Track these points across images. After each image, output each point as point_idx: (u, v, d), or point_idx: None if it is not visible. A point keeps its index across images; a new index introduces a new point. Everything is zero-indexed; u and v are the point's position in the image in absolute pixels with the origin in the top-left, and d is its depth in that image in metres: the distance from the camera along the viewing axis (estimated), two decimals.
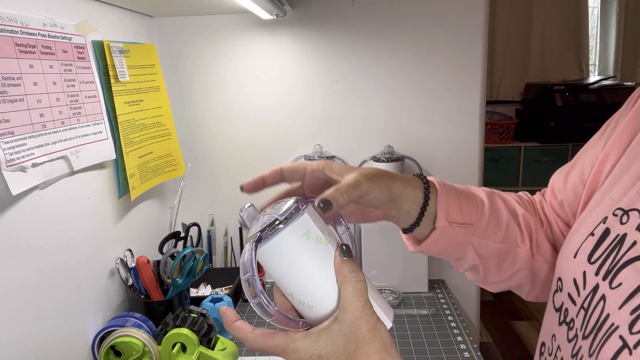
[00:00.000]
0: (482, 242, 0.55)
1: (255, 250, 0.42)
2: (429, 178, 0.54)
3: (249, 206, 0.47)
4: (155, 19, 1.31)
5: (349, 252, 0.43)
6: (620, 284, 0.37)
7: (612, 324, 0.36)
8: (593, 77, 3.25)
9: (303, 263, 0.42)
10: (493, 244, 0.55)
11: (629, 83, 3.01)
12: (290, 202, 0.44)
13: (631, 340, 0.33)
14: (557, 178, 0.59)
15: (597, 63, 3.42)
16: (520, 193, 0.63)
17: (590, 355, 0.37)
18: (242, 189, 0.51)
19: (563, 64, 3.25)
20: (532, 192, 0.65)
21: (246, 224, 0.46)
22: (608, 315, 0.37)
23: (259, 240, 0.42)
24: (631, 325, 0.34)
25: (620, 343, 0.34)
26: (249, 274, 0.41)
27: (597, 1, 3.35)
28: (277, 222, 0.42)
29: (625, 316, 0.35)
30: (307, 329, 0.42)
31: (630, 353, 0.33)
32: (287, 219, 0.42)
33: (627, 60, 3.34)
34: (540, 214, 0.60)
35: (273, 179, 0.52)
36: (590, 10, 3.27)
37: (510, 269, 0.57)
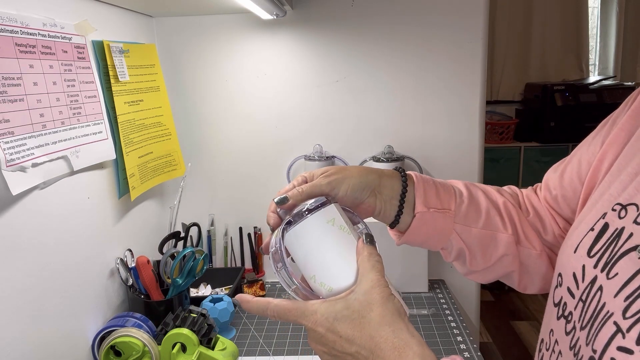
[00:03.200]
0: (464, 228, 0.58)
1: (285, 231, 0.48)
2: (407, 172, 0.59)
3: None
4: (155, 19, 1.31)
5: (372, 240, 0.48)
6: (617, 273, 0.38)
7: (608, 312, 0.37)
8: (593, 77, 3.25)
9: (327, 245, 0.47)
10: (475, 230, 0.58)
11: (629, 83, 3.01)
12: (318, 197, 0.51)
13: (624, 324, 0.34)
14: (552, 175, 0.61)
15: (597, 63, 3.42)
16: (504, 187, 0.66)
17: (587, 345, 0.38)
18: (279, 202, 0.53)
19: (563, 64, 3.25)
20: None
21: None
22: (604, 304, 0.37)
23: (289, 223, 0.48)
24: (625, 310, 0.35)
25: (614, 328, 0.35)
26: (277, 245, 0.47)
27: (597, 1, 3.35)
28: (307, 209, 0.48)
29: (620, 303, 0.36)
30: None
31: (624, 337, 0.34)
32: (316, 207, 0.49)
33: (627, 60, 3.34)
34: (526, 205, 0.62)
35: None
36: (590, 10, 3.27)
37: (495, 255, 0.59)
